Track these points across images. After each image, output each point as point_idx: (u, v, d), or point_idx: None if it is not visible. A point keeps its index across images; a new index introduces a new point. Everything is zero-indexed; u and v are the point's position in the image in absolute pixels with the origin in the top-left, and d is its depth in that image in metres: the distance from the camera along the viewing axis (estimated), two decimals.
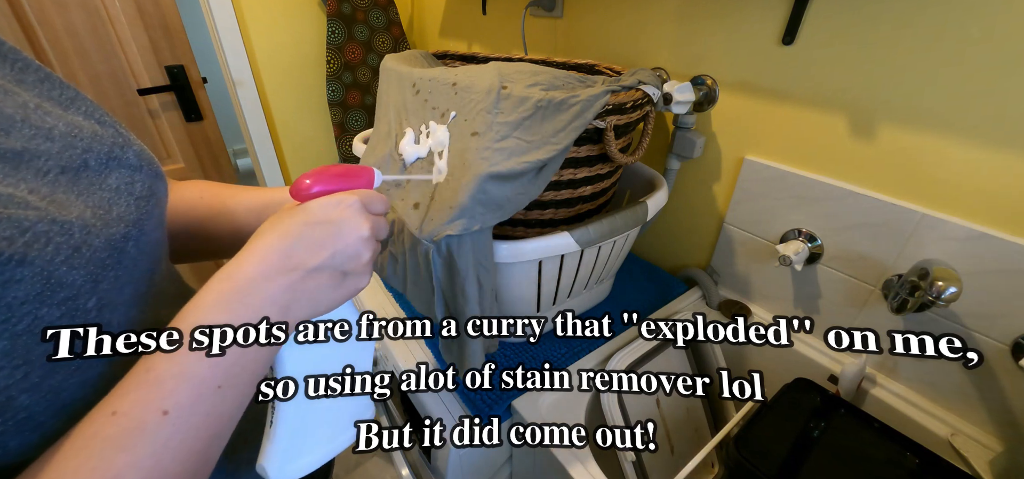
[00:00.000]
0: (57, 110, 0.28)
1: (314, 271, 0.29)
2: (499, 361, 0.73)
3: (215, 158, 1.62)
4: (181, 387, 0.24)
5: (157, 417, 0.23)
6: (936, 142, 0.58)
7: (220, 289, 0.27)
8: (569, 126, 0.53)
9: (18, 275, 0.21)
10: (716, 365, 0.78)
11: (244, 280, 0.27)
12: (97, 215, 0.26)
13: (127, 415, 0.23)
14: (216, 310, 0.26)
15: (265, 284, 0.28)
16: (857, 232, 0.67)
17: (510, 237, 0.61)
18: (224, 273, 0.28)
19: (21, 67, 0.28)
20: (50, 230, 0.23)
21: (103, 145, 0.29)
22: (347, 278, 0.32)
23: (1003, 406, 0.59)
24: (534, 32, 1.12)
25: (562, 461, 0.57)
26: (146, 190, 0.31)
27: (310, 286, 0.30)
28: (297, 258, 0.29)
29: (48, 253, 0.23)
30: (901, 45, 0.57)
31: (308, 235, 0.29)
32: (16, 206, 0.22)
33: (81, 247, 0.24)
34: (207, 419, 0.25)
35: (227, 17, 1.30)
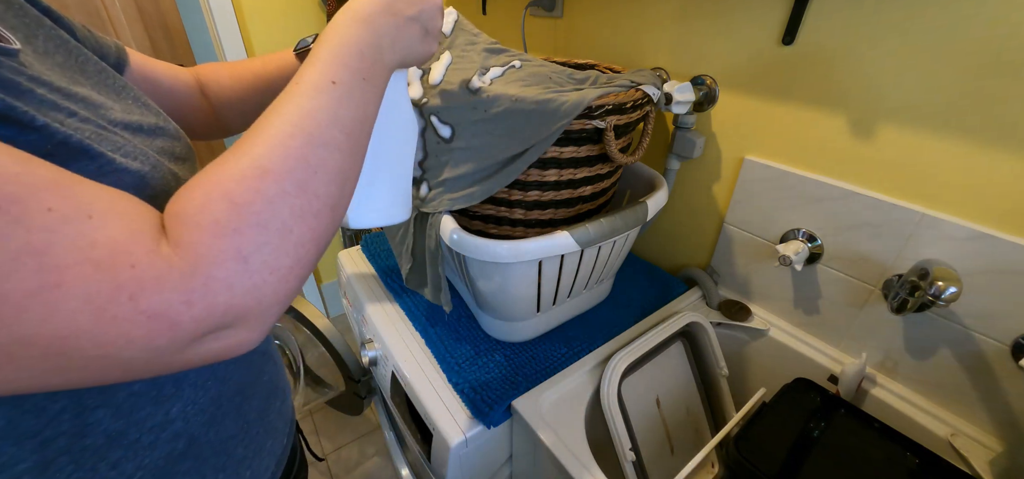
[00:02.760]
0: (113, 93, 0.35)
1: (410, 19, 0.38)
2: (501, 362, 0.73)
3: (215, 157, 1.63)
4: (341, 69, 0.33)
5: (329, 84, 0.32)
6: (936, 142, 0.58)
7: (353, 11, 0.36)
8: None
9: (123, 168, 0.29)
10: (716, 365, 0.78)
11: (367, 11, 0.36)
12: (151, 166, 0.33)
13: (309, 81, 0.31)
14: (352, 26, 0.35)
15: (380, 16, 0.36)
16: (857, 232, 0.67)
17: (510, 237, 0.61)
18: (348, 8, 0.36)
19: (83, 59, 0.34)
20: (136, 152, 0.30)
21: (150, 117, 0.36)
22: (427, 36, 0.41)
23: (1003, 406, 0.59)
24: (534, 32, 1.12)
25: (562, 461, 0.57)
26: (183, 152, 0.38)
27: (406, 32, 0.38)
28: (398, 7, 0.38)
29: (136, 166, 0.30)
30: (901, 45, 0.57)
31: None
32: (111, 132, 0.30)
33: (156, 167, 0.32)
34: (359, 97, 0.34)
35: (227, 17, 1.30)
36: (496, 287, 0.67)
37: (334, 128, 0.31)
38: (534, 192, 0.63)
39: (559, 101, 0.53)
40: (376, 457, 1.48)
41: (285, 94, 0.31)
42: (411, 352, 0.79)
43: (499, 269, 0.64)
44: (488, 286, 0.68)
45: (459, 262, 0.70)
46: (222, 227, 0.24)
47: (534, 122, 0.54)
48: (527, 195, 0.63)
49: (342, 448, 1.51)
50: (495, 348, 0.75)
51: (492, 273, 0.65)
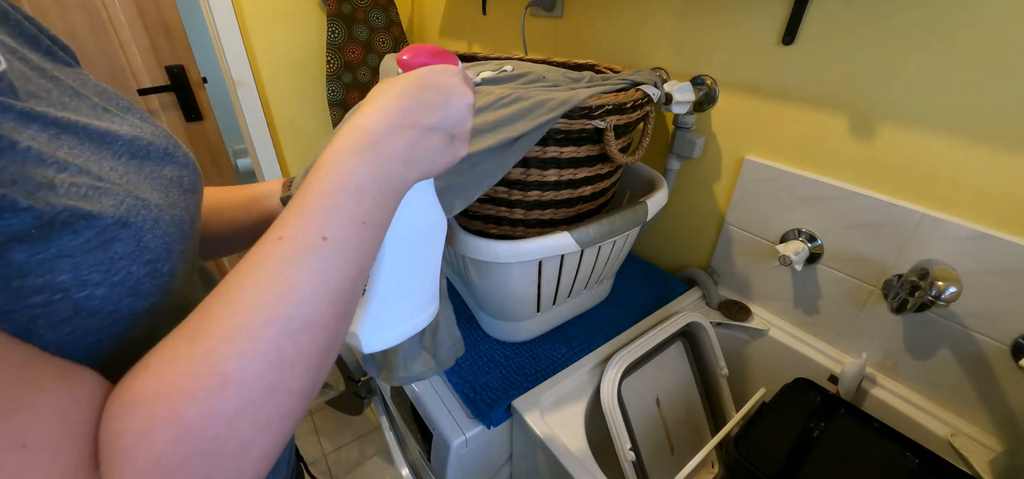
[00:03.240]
0: (118, 115, 0.32)
1: (430, 130, 0.32)
2: (501, 362, 0.73)
3: (215, 158, 1.62)
4: (335, 219, 0.27)
5: (318, 241, 0.26)
6: (936, 142, 0.58)
7: (354, 138, 0.29)
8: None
9: (120, 235, 0.25)
10: (716, 365, 0.78)
11: (374, 132, 0.30)
12: (162, 199, 0.30)
13: (292, 239, 0.26)
14: (354, 156, 0.29)
15: (391, 136, 0.30)
16: (857, 232, 0.67)
17: (510, 237, 0.61)
18: (354, 125, 0.30)
19: (81, 82, 0.32)
20: (137, 203, 0.27)
21: (160, 142, 0.33)
22: (453, 142, 0.35)
23: (1003, 406, 0.59)
24: (534, 32, 1.12)
25: (562, 461, 0.57)
26: (191, 184, 0.35)
27: (426, 145, 0.32)
28: (415, 116, 0.31)
29: (139, 221, 0.27)
30: (901, 45, 0.57)
31: (423, 97, 0.32)
32: (107, 183, 0.26)
33: (159, 221, 0.28)
34: (356, 250, 0.28)
35: (227, 17, 1.30)
36: (496, 287, 0.67)
37: (320, 302, 0.26)
38: (534, 192, 0.63)
39: (548, 99, 0.53)
40: (376, 457, 1.48)
41: (262, 255, 0.26)
42: None
43: (499, 269, 0.64)
44: (488, 286, 0.68)
45: (459, 262, 0.70)
46: (164, 466, 0.20)
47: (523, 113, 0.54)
48: (527, 195, 0.63)
49: (342, 448, 1.51)
50: (495, 348, 0.75)
51: (492, 273, 0.65)
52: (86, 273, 0.24)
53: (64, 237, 0.23)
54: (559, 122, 0.56)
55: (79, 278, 0.24)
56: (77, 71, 0.32)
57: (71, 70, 0.32)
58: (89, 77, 0.33)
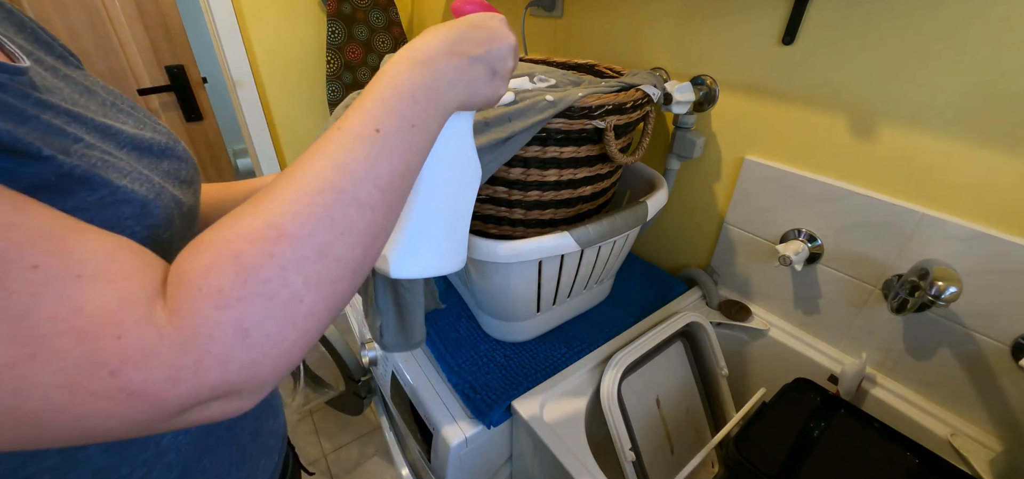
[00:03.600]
0: (122, 115, 0.34)
1: (475, 60, 0.36)
2: (501, 362, 0.73)
3: (215, 158, 1.63)
4: (388, 116, 0.30)
5: (371, 133, 0.29)
6: (936, 142, 0.58)
7: (409, 55, 0.33)
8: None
9: (129, 197, 0.28)
10: (716, 365, 0.78)
11: (428, 51, 0.33)
12: (161, 177, 0.33)
13: (349, 130, 0.29)
14: (408, 67, 0.32)
15: (441, 57, 0.34)
16: (857, 232, 0.67)
17: (510, 237, 0.61)
18: (410, 48, 0.34)
19: (90, 83, 0.34)
20: (140, 178, 0.30)
21: (160, 138, 0.36)
22: (495, 77, 0.38)
23: (1003, 406, 0.59)
24: (534, 32, 1.12)
25: (562, 461, 0.57)
26: (188, 177, 0.37)
27: (471, 73, 0.36)
28: (463, 46, 0.35)
29: (142, 191, 0.29)
30: (901, 45, 0.57)
31: (470, 33, 0.36)
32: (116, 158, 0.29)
33: (160, 194, 0.31)
34: (404, 147, 0.31)
35: (227, 17, 1.30)
36: (496, 287, 0.67)
37: (370, 184, 0.28)
38: (534, 192, 0.63)
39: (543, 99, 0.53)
40: (376, 457, 1.48)
41: (322, 140, 0.28)
42: (411, 352, 0.79)
43: (499, 269, 0.64)
44: (488, 286, 0.68)
45: None
46: (225, 296, 0.22)
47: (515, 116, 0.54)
48: (527, 195, 0.63)
49: (342, 448, 1.51)
50: (495, 348, 0.75)
51: (492, 273, 0.65)
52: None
53: (82, 191, 0.25)
54: (559, 122, 0.56)
55: None
56: (85, 74, 0.34)
57: (81, 73, 0.34)
58: (96, 80, 0.35)
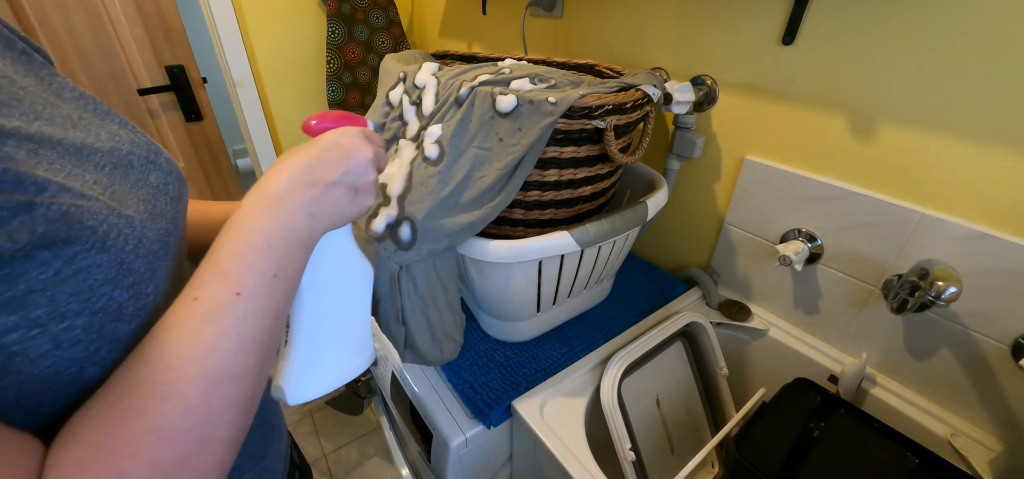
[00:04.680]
0: (96, 120, 0.31)
1: (332, 185, 0.34)
2: (501, 362, 0.73)
3: (215, 158, 1.62)
4: (246, 274, 0.29)
5: (232, 298, 0.28)
6: (936, 142, 0.58)
7: (258, 200, 0.32)
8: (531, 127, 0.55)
9: (99, 260, 0.25)
10: (716, 365, 0.78)
11: (278, 191, 0.32)
12: (148, 211, 0.30)
13: (208, 298, 0.27)
14: (260, 215, 0.31)
15: (293, 194, 0.32)
16: (857, 232, 0.67)
17: (510, 237, 0.61)
18: (259, 189, 0.32)
19: (58, 86, 0.31)
20: (119, 222, 0.27)
21: (141, 149, 0.33)
22: (358, 194, 0.37)
23: (1003, 406, 0.59)
24: (534, 32, 1.12)
25: (562, 461, 0.57)
26: (177, 192, 0.35)
27: (330, 199, 0.35)
28: (317, 175, 0.34)
29: (120, 242, 0.26)
30: (901, 45, 0.57)
31: (324, 157, 0.35)
32: (91, 199, 0.25)
33: (143, 239, 0.28)
34: (268, 300, 0.30)
35: (227, 17, 1.30)
36: (496, 287, 0.67)
37: (240, 353, 0.27)
38: (534, 192, 0.63)
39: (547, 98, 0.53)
40: (376, 457, 1.48)
41: (181, 316, 0.27)
42: None
43: (499, 269, 0.64)
44: (488, 286, 0.68)
45: (459, 262, 0.70)
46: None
47: (522, 120, 0.54)
48: (527, 195, 0.63)
49: (342, 448, 1.51)
50: (495, 348, 0.75)
51: (492, 273, 0.65)
52: (64, 305, 0.23)
53: (31, 272, 0.22)
54: (559, 122, 0.56)
55: (57, 311, 0.23)
56: (53, 75, 0.31)
57: (48, 72, 0.31)
58: (66, 81, 0.32)
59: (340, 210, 0.35)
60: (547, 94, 0.54)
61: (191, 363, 0.25)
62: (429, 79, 0.63)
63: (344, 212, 0.36)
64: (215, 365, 0.26)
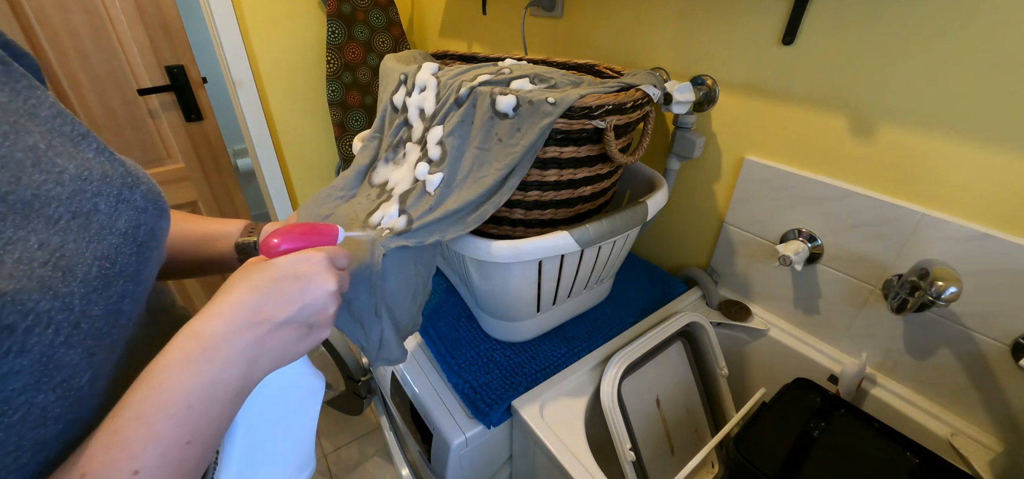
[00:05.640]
0: (68, 148, 0.28)
1: (282, 325, 0.30)
2: (501, 362, 0.73)
3: (215, 158, 1.62)
4: (150, 447, 0.24)
5: (128, 476, 0.23)
6: (936, 142, 0.58)
7: (186, 347, 0.27)
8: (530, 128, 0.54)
9: (16, 366, 0.21)
10: (716, 365, 0.78)
11: (211, 338, 0.28)
12: (103, 272, 0.26)
13: (98, 472, 0.23)
14: (183, 368, 0.26)
15: (234, 338, 0.28)
16: (857, 232, 0.67)
17: (510, 237, 0.61)
18: (191, 331, 0.28)
19: (34, 102, 0.28)
20: (52, 308, 0.23)
21: (113, 187, 0.29)
22: (313, 330, 0.33)
23: (1003, 406, 0.59)
24: (534, 32, 1.12)
25: (562, 461, 0.57)
26: (148, 234, 0.31)
27: (277, 339, 0.30)
28: (266, 312, 0.29)
29: (48, 336, 0.23)
30: (901, 45, 0.57)
31: (277, 290, 0.30)
32: (17, 280, 0.22)
33: (80, 321, 0.24)
34: (177, 473, 0.26)
35: (227, 17, 1.30)
36: (496, 287, 0.67)
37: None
38: (534, 192, 0.63)
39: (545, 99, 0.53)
40: (376, 457, 1.48)
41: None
42: (411, 352, 0.79)
43: (499, 269, 0.64)
44: (488, 286, 0.68)
45: (459, 262, 0.70)
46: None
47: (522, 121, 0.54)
48: (527, 195, 0.63)
49: (342, 448, 1.51)
50: (495, 348, 0.75)
51: (492, 273, 0.65)
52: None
53: None
54: (559, 122, 0.56)
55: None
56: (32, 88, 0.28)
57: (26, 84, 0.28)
58: (45, 95, 0.28)
59: (288, 349, 0.31)
60: (547, 94, 0.54)
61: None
62: (429, 79, 0.63)
63: (292, 350, 0.32)
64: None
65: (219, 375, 0.27)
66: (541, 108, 0.53)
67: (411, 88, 0.65)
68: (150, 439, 0.24)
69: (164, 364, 0.27)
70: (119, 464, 0.23)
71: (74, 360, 0.24)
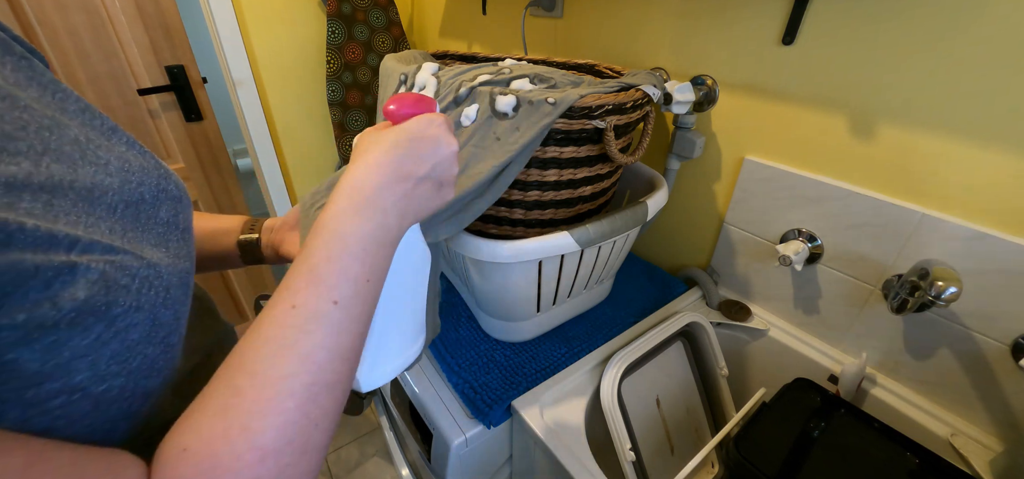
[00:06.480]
0: (103, 141, 0.29)
1: (422, 180, 0.34)
2: (501, 362, 0.73)
3: (215, 158, 1.62)
4: (343, 282, 0.29)
5: (329, 307, 0.28)
6: (936, 142, 0.58)
7: (353, 198, 0.31)
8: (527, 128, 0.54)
9: (136, 319, 0.25)
10: (717, 365, 0.78)
11: (371, 188, 0.31)
12: (165, 253, 0.29)
13: (305, 307, 0.27)
14: (354, 217, 0.30)
15: (387, 191, 0.32)
16: (857, 232, 0.67)
17: (510, 237, 0.61)
18: (351, 185, 0.31)
19: (62, 97, 0.28)
20: (149, 275, 0.26)
21: (151, 177, 0.31)
22: (442, 188, 0.36)
23: (1003, 406, 0.59)
24: (534, 32, 1.12)
25: (562, 461, 0.57)
26: (186, 221, 0.33)
27: (419, 193, 0.34)
28: (407, 168, 0.33)
29: (151, 297, 0.26)
30: (901, 45, 0.57)
31: (413, 149, 0.33)
32: (119, 253, 0.24)
33: (170, 288, 0.28)
34: (363, 307, 0.30)
35: (227, 17, 1.30)
36: (496, 287, 0.67)
37: (336, 362, 0.27)
38: (534, 192, 0.63)
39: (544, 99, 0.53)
40: (376, 457, 1.48)
41: (279, 324, 0.26)
42: None
43: (499, 269, 0.64)
44: (488, 286, 0.68)
45: (459, 262, 0.70)
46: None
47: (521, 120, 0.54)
48: (527, 195, 0.63)
49: (342, 448, 1.51)
50: (495, 348, 0.75)
51: (492, 273, 0.65)
52: (104, 367, 0.23)
53: (74, 338, 0.22)
54: (559, 122, 0.56)
55: (97, 373, 0.23)
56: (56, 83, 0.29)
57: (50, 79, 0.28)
58: (69, 90, 0.29)
59: (427, 205, 0.35)
60: (547, 94, 0.54)
61: (290, 376, 0.25)
62: (429, 79, 0.63)
63: (429, 207, 0.35)
64: (312, 377, 0.26)
65: (383, 222, 0.31)
66: (541, 108, 0.53)
67: (411, 88, 0.65)
68: (342, 275, 0.29)
69: (337, 214, 0.30)
70: (322, 295, 0.28)
71: (169, 321, 0.27)
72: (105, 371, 0.23)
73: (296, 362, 0.26)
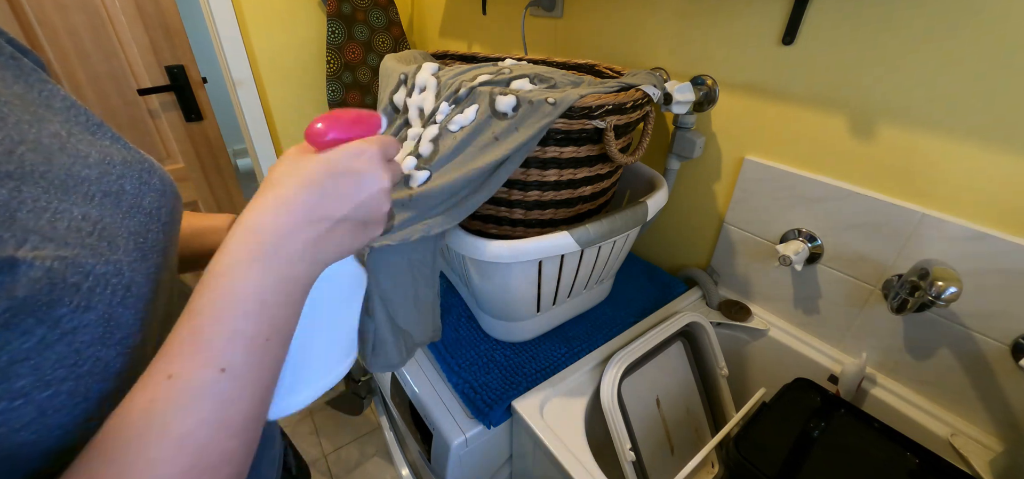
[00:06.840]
0: (86, 136, 0.28)
1: (340, 221, 0.29)
2: (501, 362, 0.73)
3: (215, 158, 1.62)
4: (232, 345, 0.24)
5: (215, 375, 0.23)
6: (936, 142, 0.58)
7: (248, 244, 0.26)
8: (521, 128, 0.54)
9: (85, 320, 0.23)
10: (716, 365, 0.78)
11: (273, 233, 0.27)
12: (137, 247, 0.27)
13: (182, 377, 0.23)
14: (251, 267, 0.26)
15: (293, 237, 0.27)
16: (857, 232, 0.67)
17: (510, 236, 0.61)
18: (249, 226, 0.27)
19: (48, 95, 0.28)
20: (107, 272, 0.24)
21: (134, 170, 0.29)
22: (367, 227, 0.32)
23: (1003, 406, 0.59)
24: (534, 32, 1.12)
25: (562, 461, 0.57)
26: (169, 215, 0.32)
27: (335, 236, 0.29)
28: (322, 210, 0.28)
29: (107, 295, 0.24)
30: (902, 45, 0.57)
31: (333, 187, 0.29)
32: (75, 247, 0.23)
33: (131, 286, 0.25)
34: (260, 370, 0.26)
35: (227, 17, 1.30)
36: (496, 287, 0.67)
37: (223, 439, 0.23)
38: (534, 192, 0.63)
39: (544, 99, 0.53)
40: (376, 457, 1.48)
41: (151, 399, 0.22)
42: (417, 363, 0.79)
43: (499, 269, 0.64)
44: (488, 286, 0.68)
45: (459, 262, 0.70)
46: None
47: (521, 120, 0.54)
48: (527, 195, 0.63)
49: (342, 448, 1.51)
50: (495, 348, 0.75)
51: (492, 273, 0.65)
52: (49, 372, 0.21)
53: (13, 341, 0.20)
54: (559, 122, 0.56)
55: (41, 378, 0.21)
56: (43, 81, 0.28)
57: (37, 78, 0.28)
58: (57, 88, 0.29)
59: (345, 246, 0.31)
60: (547, 94, 0.54)
61: (161, 462, 0.21)
62: (429, 79, 0.63)
63: (348, 248, 0.31)
64: (190, 462, 0.22)
65: (288, 273, 0.27)
66: (541, 108, 0.53)
67: (411, 88, 0.65)
68: (233, 337, 0.24)
69: (229, 263, 0.26)
70: (205, 362, 0.23)
71: (129, 320, 0.25)
72: (50, 377, 0.22)
73: (168, 448, 0.22)
